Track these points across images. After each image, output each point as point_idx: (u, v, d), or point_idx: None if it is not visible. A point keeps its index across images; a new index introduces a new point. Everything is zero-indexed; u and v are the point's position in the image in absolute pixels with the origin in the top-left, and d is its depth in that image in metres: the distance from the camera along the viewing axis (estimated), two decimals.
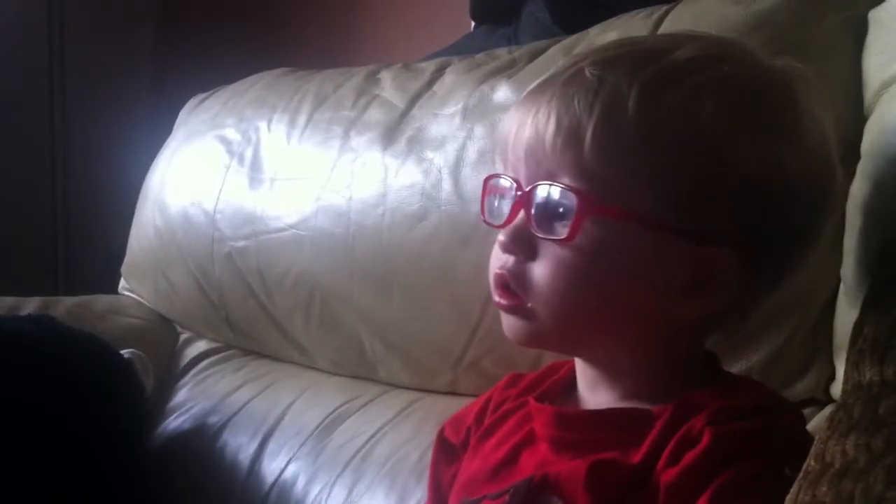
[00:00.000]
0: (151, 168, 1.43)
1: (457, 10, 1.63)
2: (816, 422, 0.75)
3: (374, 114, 1.12)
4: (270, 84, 1.33)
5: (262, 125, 1.25)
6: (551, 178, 0.58)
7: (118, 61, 2.28)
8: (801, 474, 0.50)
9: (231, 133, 1.29)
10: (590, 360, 0.64)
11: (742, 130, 0.57)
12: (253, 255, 1.19)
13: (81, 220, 2.22)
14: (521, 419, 0.67)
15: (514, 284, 0.60)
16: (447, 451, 0.74)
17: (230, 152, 1.26)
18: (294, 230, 1.14)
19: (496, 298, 0.62)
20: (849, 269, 0.75)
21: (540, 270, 0.59)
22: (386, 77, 1.17)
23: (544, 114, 0.58)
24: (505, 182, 0.61)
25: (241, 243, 1.21)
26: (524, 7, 1.35)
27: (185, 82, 1.56)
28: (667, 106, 0.56)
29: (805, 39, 0.81)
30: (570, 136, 0.57)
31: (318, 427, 1.07)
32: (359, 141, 1.11)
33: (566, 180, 0.57)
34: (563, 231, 0.57)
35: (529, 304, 0.60)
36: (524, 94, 0.62)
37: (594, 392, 0.64)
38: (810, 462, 0.50)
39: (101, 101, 2.20)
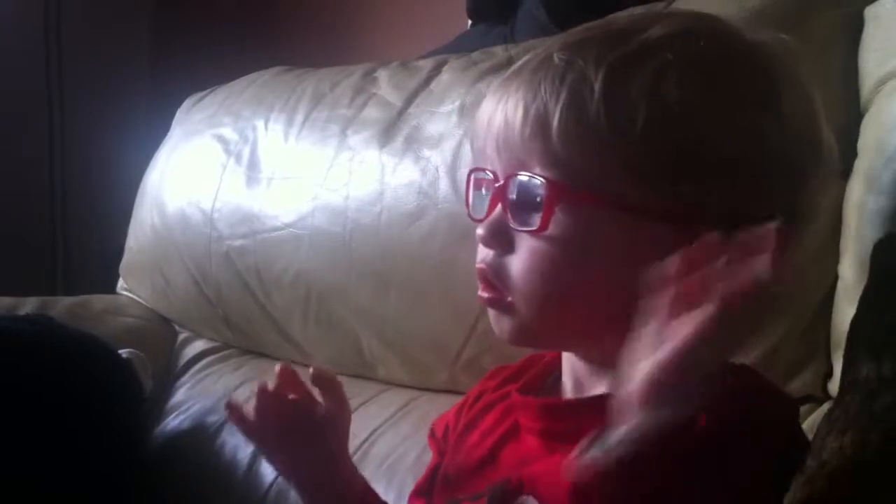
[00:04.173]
0: (149, 167, 1.43)
1: (453, 9, 1.63)
2: (814, 418, 0.75)
3: (372, 112, 1.12)
4: (267, 83, 1.33)
5: (260, 124, 1.25)
6: (524, 167, 0.57)
7: (116, 61, 2.27)
8: (799, 470, 0.50)
9: (228, 132, 1.29)
10: (578, 354, 0.62)
11: (714, 106, 0.54)
12: (251, 254, 1.19)
13: (79, 220, 2.22)
14: (503, 412, 0.66)
15: (494, 278, 0.59)
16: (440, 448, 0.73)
17: (227, 151, 1.26)
18: (291, 229, 1.14)
19: (479, 293, 0.61)
20: (846, 266, 0.75)
21: (517, 263, 0.58)
22: (383, 75, 1.17)
23: (513, 103, 0.57)
24: (485, 175, 0.60)
25: (238, 242, 1.21)
26: (520, 5, 1.35)
27: (183, 81, 1.56)
28: (633, 87, 0.54)
29: (801, 36, 0.81)
30: (537, 123, 0.55)
31: None
32: (356, 139, 1.11)
33: (537, 169, 0.56)
34: (536, 221, 0.56)
35: (509, 298, 0.59)
36: (496, 83, 0.61)
37: (579, 388, 0.62)
38: (808, 459, 0.51)
39: (99, 100, 2.20)
